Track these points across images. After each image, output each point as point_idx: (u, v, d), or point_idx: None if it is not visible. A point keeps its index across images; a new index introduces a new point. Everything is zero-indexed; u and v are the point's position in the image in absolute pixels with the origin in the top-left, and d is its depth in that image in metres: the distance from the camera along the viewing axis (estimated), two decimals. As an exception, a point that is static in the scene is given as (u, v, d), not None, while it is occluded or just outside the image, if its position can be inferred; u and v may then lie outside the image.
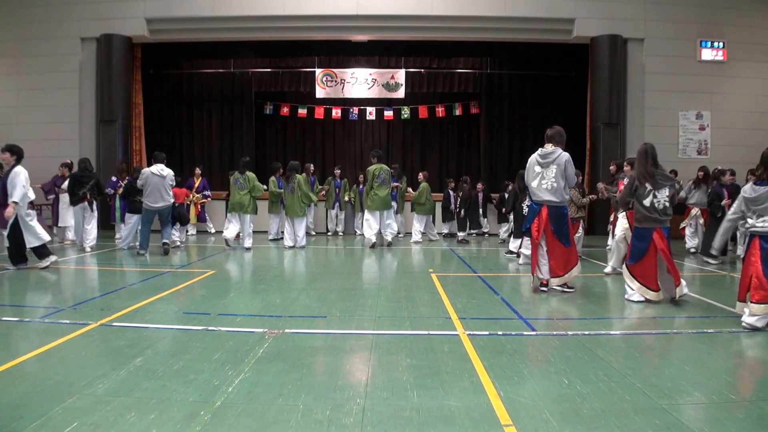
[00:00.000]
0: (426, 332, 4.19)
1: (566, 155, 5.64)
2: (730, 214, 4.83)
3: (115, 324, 4.33)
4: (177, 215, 9.57)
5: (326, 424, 2.58)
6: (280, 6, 12.28)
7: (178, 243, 9.70)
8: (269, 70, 14.70)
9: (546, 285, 5.79)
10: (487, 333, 4.17)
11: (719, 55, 12.59)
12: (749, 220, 4.51)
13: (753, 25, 12.67)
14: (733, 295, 6.17)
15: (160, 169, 8.66)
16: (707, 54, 12.57)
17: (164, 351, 3.64)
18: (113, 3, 12.65)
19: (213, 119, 15.32)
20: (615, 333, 4.35)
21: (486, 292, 5.99)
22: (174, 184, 9.14)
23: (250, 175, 9.54)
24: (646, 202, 5.19)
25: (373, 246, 9.61)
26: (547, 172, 5.66)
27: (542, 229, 5.70)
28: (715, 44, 12.56)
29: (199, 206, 12.21)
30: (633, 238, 5.42)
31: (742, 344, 4.06)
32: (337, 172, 12.44)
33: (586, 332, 4.28)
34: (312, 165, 12.07)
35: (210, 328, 4.22)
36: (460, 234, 11.29)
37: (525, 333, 4.23)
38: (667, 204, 5.17)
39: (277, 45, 14.06)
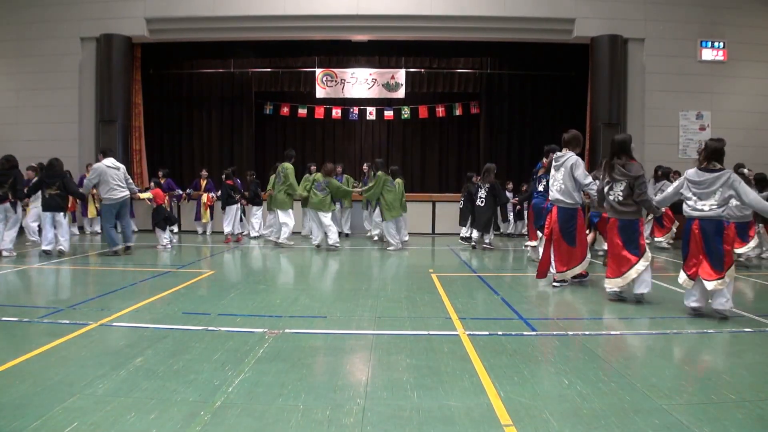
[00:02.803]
0: (426, 332, 4.18)
1: (573, 158, 5.92)
2: (671, 188, 5.16)
3: (115, 324, 4.33)
4: (165, 217, 9.35)
5: (326, 424, 2.58)
6: (280, 6, 12.28)
7: (168, 245, 9.28)
8: (269, 70, 14.69)
9: (557, 281, 6.07)
10: (487, 333, 4.17)
11: (719, 55, 12.58)
12: (689, 202, 4.77)
13: (753, 25, 12.67)
14: (733, 297, 6.18)
15: (112, 162, 8.49)
16: (707, 54, 12.56)
17: (164, 351, 3.64)
18: (113, 3, 12.64)
19: (213, 119, 15.32)
20: (615, 333, 4.35)
21: (486, 292, 5.99)
22: (129, 179, 8.74)
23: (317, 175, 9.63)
24: (606, 191, 5.45)
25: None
26: (557, 175, 5.99)
27: (551, 227, 6.08)
28: (716, 44, 12.55)
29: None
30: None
31: (742, 344, 4.06)
32: (339, 169, 11.81)
33: (586, 332, 4.28)
34: (339, 166, 11.57)
35: (210, 328, 4.22)
36: (486, 237, 9.77)
37: (525, 333, 4.23)
38: (621, 198, 5.24)
39: (277, 45, 14.06)
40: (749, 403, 2.85)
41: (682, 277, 4.86)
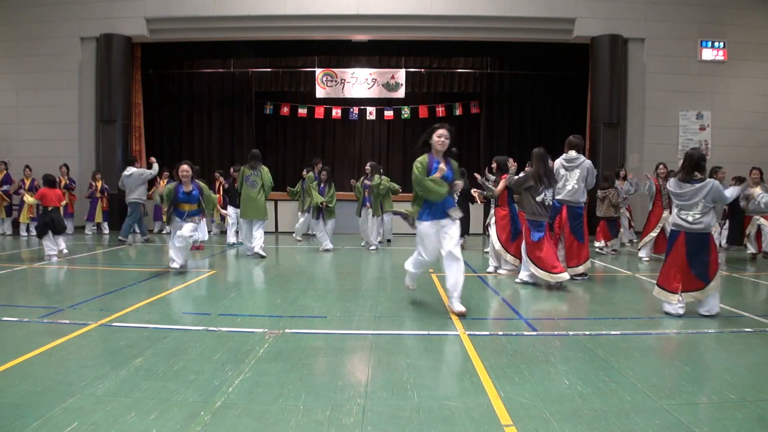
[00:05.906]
0: (426, 332, 4.18)
1: (588, 162, 6.38)
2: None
3: (115, 324, 4.33)
4: (49, 221, 7.71)
5: (326, 424, 2.58)
6: (281, 6, 12.28)
7: (53, 257, 7.79)
8: (269, 70, 14.68)
9: (577, 275, 6.42)
10: (487, 333, 4.17)
11: (720, 55, 12.58)
12: (681, 214, 4.72)
13: (753, 25, 12.66)
14: (734, 297, 6.19)
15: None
16: (708, 54, 12.56)
17: (164, 351, 3.64)
18: (113, 3, 12.64)
19: (213, 119, 15.31)
20: (615, 333, 4.34)
21: (486, 292, 5.99)
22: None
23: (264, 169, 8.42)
24: (539, 198, 5.89)
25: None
26: (570, 176, 6.34)
27: (562, 226, 6.49)
28: (716, 44, 12.55)
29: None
30: (530, 229, 5.97)
31: (742, 344, 4.05)
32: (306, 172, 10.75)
33: (587, 332, 4.28)
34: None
35: (210, 328, 4.22)
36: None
37: (525, 333, 4.23)
38: (549, 202, 5.99)
39: (277, 45, 14.06)
40: (749, 403, 2.85)
41: (668, 295, 4.76)
